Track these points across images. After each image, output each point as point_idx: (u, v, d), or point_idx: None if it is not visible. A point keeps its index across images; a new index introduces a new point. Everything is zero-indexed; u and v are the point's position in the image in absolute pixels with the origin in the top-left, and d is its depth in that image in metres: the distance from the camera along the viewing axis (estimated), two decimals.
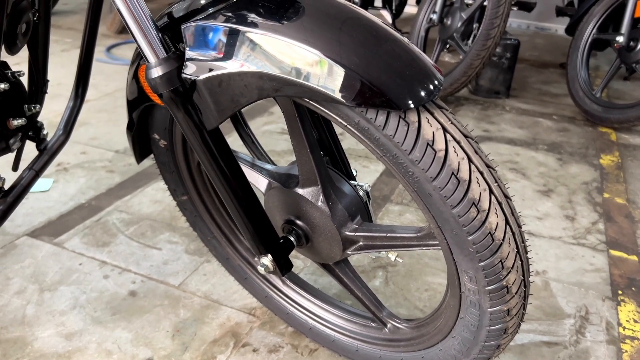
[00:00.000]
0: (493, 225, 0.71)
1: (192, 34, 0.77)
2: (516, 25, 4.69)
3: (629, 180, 2.08)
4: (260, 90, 0.74)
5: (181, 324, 1.26)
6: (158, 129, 1.06)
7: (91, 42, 1.12)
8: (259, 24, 0.73)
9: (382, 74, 0.68)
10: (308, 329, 1.20)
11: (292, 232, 0.99)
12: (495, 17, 2.37)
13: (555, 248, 1.62)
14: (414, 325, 1.02)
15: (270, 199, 1.01)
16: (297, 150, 0.89)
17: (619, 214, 1.83)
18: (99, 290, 1.36)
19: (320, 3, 0.74)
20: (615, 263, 1.56)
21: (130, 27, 0.74)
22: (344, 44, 0.69)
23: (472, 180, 0.69)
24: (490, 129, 2.52)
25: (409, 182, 0.73)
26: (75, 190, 1.81)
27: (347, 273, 1.07)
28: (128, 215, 1.68)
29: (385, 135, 0.70)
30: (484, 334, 0.83)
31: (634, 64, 2.54)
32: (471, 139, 0.72)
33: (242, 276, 1.27)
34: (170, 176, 1.16)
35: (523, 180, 2.04)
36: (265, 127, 2.39)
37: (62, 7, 4.42)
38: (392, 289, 1.42)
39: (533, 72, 3.45)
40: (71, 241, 1.54)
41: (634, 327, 1.32)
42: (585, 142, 2.42)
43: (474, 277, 0.76)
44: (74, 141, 2.15)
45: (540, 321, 1.32)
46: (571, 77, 2.74)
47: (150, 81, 0.77)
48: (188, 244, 1.55)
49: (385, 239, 0.92)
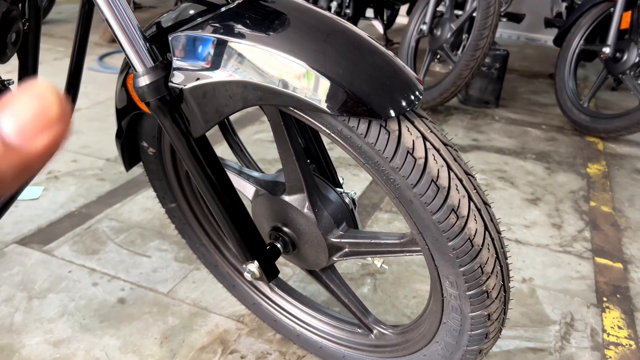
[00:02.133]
0: (472, 231, 0.72)
1: (179, 44, 0.78)
2: (507, 36, 4.75)
3: (615, 189, 2.11)
4: (246, 99, 0.75)
5: (169, 331, 1.27)
6: (147, 137, 1.07)
7: (82, 50, 1.13)
8: (245, 35, 0.75)
9: (363, 84, 0.70)
10: (296, 336, 1.21)
11: (278, 239, 1.01)
12: (484, 28, 2.40)
13: (542, 256, 1.64)
14: (399, 331, 1.03)
15: (257, 206, 1.02)
16: (283, 158, 0.91)
17: (604, 222, 1.85)
18: (88, 297, 1.36)
19: (305, 15, 0.76)
20: (600, 270, 1.58)
21: (118, 36, 0.76)
22: (328, 55, 0.71)
23: (451, 187, 0.71)
24: (479, 138, 2.55)
25: (390, 189, 0.74)
26: (65, 198, 1.81)
27: (334, 279, 1.09)
28: (118, 223, 1.69)
29: (367, 143, 0.72)
30: (465, 338, 0.84)
31: (620, 75, 2.58)
32: (450, 147, 0.74)
33: (230, 283, 1.27)
34: (159, 184, 1.17)
35: (511, 188, 2.06)
36: (256, 136, 2.41)
37: (55, 15, 4.44)
38: (381, 296, 1.43)
39: (522, 82, 3.49)
40: (61, 249, 1.54)
41: (618, 333, 1.34)
42: (573, 151, 2.46)
43: (455, 282, 0.78)
44: (65, 149, 2.16)
45: (526, 328, 1.34)
46: (559, 87, 2.78)
47: (137, 90, 0.78)
48: (177, 251, 1.56)
49: (370, 245, 0.93)
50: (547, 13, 3.70)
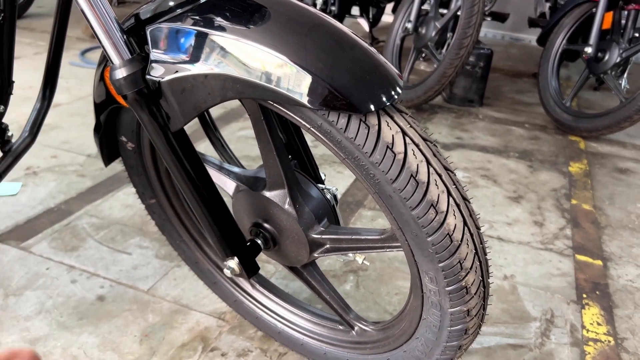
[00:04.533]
0: (451, 226, 0.72)
1: (157, 36, 0.77)
2: (491, 36, 4.78)
3: (596, 187, 2.13)
4: (224, 93, 0.74)
5: (149, 329, 1.25)
6: (125, 131, 1.05)
7: (59, 44, 1.11)
8: (224, 27, 0.74)
9: (343, 78, 0.69)
10: (277, 333, 1.20)
11: (259, 235, 1.00)
12: (468, 26, 2.41)
13: (523, 253, 1.65)
14: (380, 327, 1.03)
15: (238, 201, 1.01)
16: (263, 153, 0.90)
17: (585, 220, 1.87)
18: (66, 295, 1.34)
19: (286, 8, 0.76)
20: (580, 268, 1.60)
21: (94, 28, 0.75)
22: (308, 49, 0.71)
23: (431, 182, 0.71)
24: (463, 136, 2.56)
25: (370, 184, 0.74)
26: (44, 194, 1.78)
27: (315, 276, 1.08)
28: (98, 219, 1.66)
29: (346, 137, 0.71)
30: (445, 334, 0.84)
31: (602, 75, 2.61)
32: (430, 142, 0.74)
33: (211, 280, 1.26)
34: (139, 179, 1.15)
35: (494, 186, 2.07)
36: (240, 133, 2.39)
37: (36, 9, 4.37)
38: (363, 293, 1.43)
39: (507, 82, 3.51)
40: (39, 245, 1.51)
41: (597, 329, 1.35)
42: (556, 150, 2.48)
43: (434, 278, 0.77)
44: (45, 145, 2.13)
45: (507, 324, 1.35)
46: (542, 86, 2.80)
47: (114, 82, 0.77)
48: (159, 248, 1.54)
49: (351, 241, 0.93)
50: (531, 13, 3.73)
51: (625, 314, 1.42)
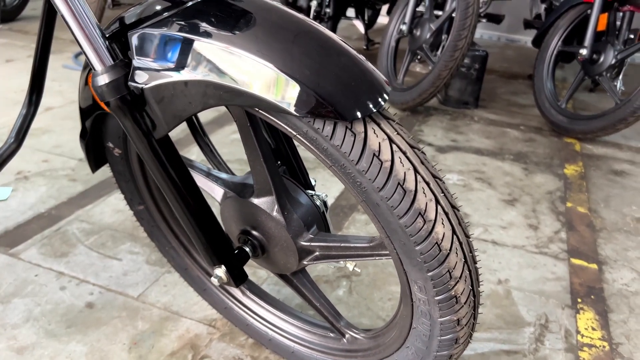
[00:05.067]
0: (440, 235, 0.71)
1: (139, 42, 0.75)
2: (487, 37, 4.77)
3: (592, 190, 2.12)
4: (208, 100, 0.73)
5: (139, 336, 1.24)
6: (112, 137, 1.04)
7: (45, 49, 1.09)
8: (209, 33, 0.72)
9: (329, 85, 0.68)
10: (268, 340, 1.19)
11: (247, 243, 0.98)
12: (463, 28, 2.40)
13: (518, 257, 1.64)
14: (371, 335, 1.02)
15: (226, 208, 1.00)
16: (251, 159, 0.89)
17: (580, 223, 1.86)
18: (55, 302, 1.32)
19: (272, 15, 0.74)
20: (575, 271, 1.59)
21: (75, 34, 0.73)
22: (294, 56, 0.69)
23: (418, 190, 0.69)
24: (458, 138, 2.55)
25: (357, 192, 0.72)
26: (35, 199, 1.76)
27: (305, 283, 1.07)
28: (89, 225, 1.65)
29: (332, 145, 0.70)
30: (435, 344, 0.83)
31: (597, 76, 2.60)
32: (417, 150, 0.73)
33: (201, 287, 1.25)
34: (127, 185, 1.14)
35: (489, 189, 2.06)
36: (234, 136, 2.38)
37: (30, 12, 4.35)
38: (356, 299, 1.41)
39: (502, 83, 3.51)
40: (28, 252, 1.50)
41: (592, 334, 1.34)
42: (551, 152, 2.47)
43: (424, 287, 0.76)
44: (36, 149, 2.11)
45: (501, 330, 1.33)
46: (538, 88, 2.79)
47: (96, 89, 0.76)
48: (149, 254, 1.52)
49: (340, 248, 0.91)
50: (527, 14, 3.73)
51: (620, 318, 1.41)
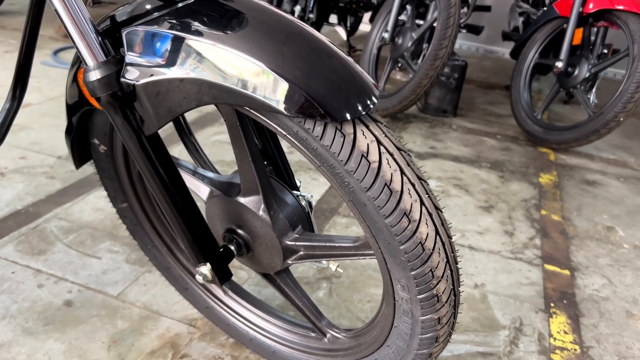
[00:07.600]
0: (424, 235, 0.73)
1: (132, 39, 0.76)
2: (466, 48, 4.86)
3: (565, 199, 2.18)
4: (200, 98, 0.74)
5: (118, 335, 1.23)
6: (98, 134, 1.04)
7: (31, 43, 1.08)
8: (201, 32, 0.73)
9: (320, 86, 0.70)
10: (249, 340, 1.20)
11: (232, 241, 0.99)
12: (444, 38, 2.45)
13: (494, 262, 1.68)
14: (352, 334, 1.03)
15: (212, 207, 1.01)
16: (239, 158, 0.90)
17: (554, 230, 1.92)
18: (32, 299, 1.31)
19: (264, 15, 0.76)
20: (549, 277, 1.63)
21: (69, 29, 0.73)
22: (285, 57, 0.71)
23: (404, 191, 0.72)
24: (436, 146, 2.59)
25: (345, 192, 0.74)
26: (11, 196, 1.74)
27: (288, 283, 1.08)
28: (68, 222, 1.63)
29: (322, 145, 0.72)
30: (416, 342, 0.85)
31: (571, 89, 2.68)
32: (404, 152, 0.75)
33: (182, 286, 1.25)
34: (110, 183, 1.14)
35: (466, 196, 2.11)
36: (215, 137, 2.38)
37: (8, 7, 4.27)
38: (336, 300, 1.43)
39: (480, 93, 3.58)
40: (4, 249, 1.47)
41: (564, 338, 1.38)
42: (526, 161, 2.53)
43: (406, 286, 0.78)
44: (13, 145, 2.07)
45: (477, 332, 1.37)
46: (514, 98, 2.86)
47: (88, 84, 0.76)
48: (129, 253, 1.52)
49: (325, 248, 0.93)
50: (505, 26, 3.82)
51: (591, 322, 1.45)
